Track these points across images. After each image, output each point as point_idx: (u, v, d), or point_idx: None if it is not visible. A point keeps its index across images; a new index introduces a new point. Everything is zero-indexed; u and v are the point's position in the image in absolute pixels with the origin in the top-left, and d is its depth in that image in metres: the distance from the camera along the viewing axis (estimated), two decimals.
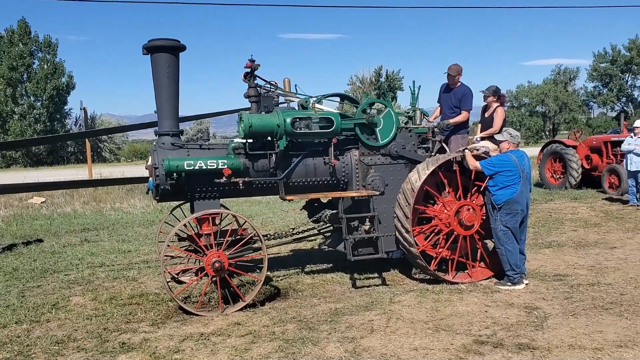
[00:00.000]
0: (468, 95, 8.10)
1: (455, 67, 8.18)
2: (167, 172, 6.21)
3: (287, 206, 14.13)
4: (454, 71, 8.17)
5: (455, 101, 8.13)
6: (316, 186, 7.00)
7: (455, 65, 8.21)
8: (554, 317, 5.67)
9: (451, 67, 8.19)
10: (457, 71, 8.17)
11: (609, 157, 15.98)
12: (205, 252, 6.12)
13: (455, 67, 8.18)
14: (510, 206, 6.65)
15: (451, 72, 8.18)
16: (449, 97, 8.25)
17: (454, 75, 8.16)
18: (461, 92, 8.12)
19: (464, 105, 8.07)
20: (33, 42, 50.70)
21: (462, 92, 8.12)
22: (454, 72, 8.17)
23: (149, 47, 6.40)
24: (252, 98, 6.84)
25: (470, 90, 8.14)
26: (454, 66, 8.19)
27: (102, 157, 54.22)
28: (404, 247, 6.90)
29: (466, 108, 8.08)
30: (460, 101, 8.09)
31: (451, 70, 8.18)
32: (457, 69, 8.17)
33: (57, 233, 12.01)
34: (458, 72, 8.17)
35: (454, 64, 8.22)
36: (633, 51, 60.61)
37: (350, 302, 6.34)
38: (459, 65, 8.23)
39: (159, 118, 6.62)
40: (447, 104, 8.24)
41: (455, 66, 8.20)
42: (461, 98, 8.09)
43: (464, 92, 8.11)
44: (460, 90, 8.14)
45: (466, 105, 8.07)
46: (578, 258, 8.19)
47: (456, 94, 8.16)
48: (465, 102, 8.07)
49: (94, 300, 6.80)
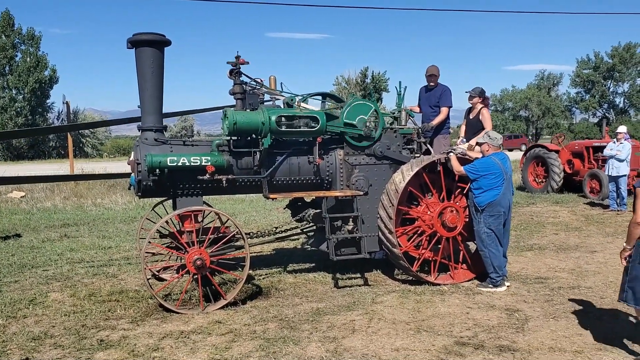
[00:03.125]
0: (447, 92, 8.21)
1: (434, 68, 8.34)
2: (149, 167, 6.13)
3: (270, 205, 14.08)
4: (436, 71, 8.30)
5: (435, 100, 8.21)
6: (300, 185, 6.96)
7: (433, 66, 8.38)
8: (534, 320, 5.70)
9: (430, 69, 8.34)
10: (436, 71, 8.31)
11: (590, 162, 16.18)
12: (187, 250, 6.06)
13: (433, 68, 8.34)
14: (493, 208, 6.67)
15: (434, 72, 8.30)
16: (428, 97, 8.34)
17: (435, 74, 8.28)
18: (440, 90, 8.23)
19: (444, 101, 8.14)
20: (16, 34, 50.02)
21: (441, 90, 8.23)
22: (436, 71, 8.30)
23: (133, 41, 6.32)
24: (237, 95, 6.77)
25: (449, 88, 8.27)
26: (432, 67, 8.36)
27: (84, 152, 53.66)
28: (387, 248, 6.89)
29: (446, 104, 8.14)
30: (440, 99, 8.15)
31: (434, 70, 8.30)
32: (436, 68, 8.33)
33: (36, 228, 11.84)
34: (433, 72, 8.30)
35: (431, 66, 8.39)
36: (615, 58, 61.44)
37: (332, 302, 6.32)
38: (437, 67, 8.39)
39: (142, 113, 6.53)
40: (427, 104, 8.32)
41: (433, 67, 8.36)
42: (440, 95, 8.18)
43: (442, 90, 8.22)
44: (439, 89, 8.26)
45: (446, 102, 8.14)
46: (559, 261, 8.25)
47: (435, 93, 8.26)
48: (444, 99, 8.15)
49: (73, 296, 6.70)
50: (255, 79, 6.96)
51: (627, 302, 4.63)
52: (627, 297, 4.59)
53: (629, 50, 60.97)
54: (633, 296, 4.53)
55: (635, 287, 4.52)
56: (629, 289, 4.57)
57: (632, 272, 4.56)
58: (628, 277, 4.59)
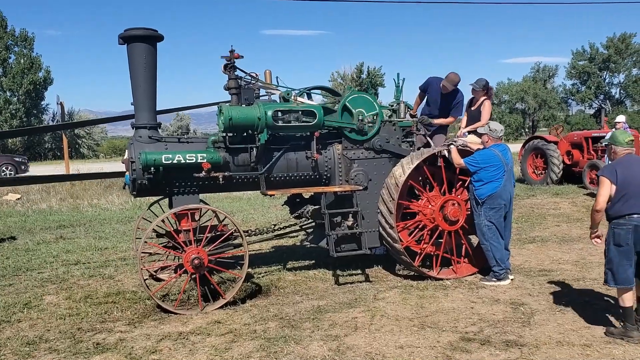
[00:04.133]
0: (461, 103, 7.94)
1: (454, 79, 7.72)
2: (144, 166, 6.00)
3: (269, 202, 13.94)
4: (451, 83, 7.71)
5: (447, 105, 7.92)
6: (298, 181, 6.83)
7: (455, 75, 7.74)
8: (540, 313, 5.58)
9: (450, 78, 7.72)
10: (455, 84, 7.74)
11: (589, 153, 16.05)
12: (184, 249, 5.93)
13: (454, 77, 7.72)
14: (494, 201, 6.55)
15: (448, 83, 7.71)
16: (441, 97, 7.92)
17: (451, 88, 7.75)
18: (455, 99, 7.88)
19: (455, 112, 7.92)
20: (9, 36, 49.64)
21: (456, 99, 7.88)
22: (451, 84, 7.72)
23: (125, 36, 6.18)
24: (232, 90, 6.63)
25: (463, 97, 7.96)
26: (454, 77, 7.72)
27: (80, 153, 53.37)
28: (388, 243, 6.77)
29: (456, 115, 7.94)
30: (452, 108, 7.90)
31: (448, 82, 7.71)
32: (455, 80, 7.73)
33: (32, 230, 11.69)
34: (455, 84, 7.74)
35: (453, 74, 7.75)
36: (611, 49, 61.25)
37: (333, 299, 6.20)
38: (458, 76, 7.75)
39: (135, 110, 6.40)
40: (438, 103, 7.96)
41: (455, 77, 7.73)
42: (454, 105, 7.89)
43: (458, 100, 7.89)
44: (454, 96, 7.87)
45: (457, 112, 7.93)
46: (562, 253, 8.14)
47: (449, 98, 7.88)
48: (456, 110, 7.91)
49: (68, 299, 6.56)
50: (250, 73, 6.83)
51: (608, 284, 4.97)
52: (607, 279, 4.96)
53: (624, 40, 60.79)
54: (613, 277, 4.89)
55: (612, 269, 4.88)
56: (608, 271, 4.94)
57: (607, 254, 4.96)
58: (605, 260, 5.00)
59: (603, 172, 4.96)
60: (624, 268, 4.81)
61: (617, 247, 4.85)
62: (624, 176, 4.81)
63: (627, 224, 4.79)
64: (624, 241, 4.80)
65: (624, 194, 4.79)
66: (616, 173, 4.85)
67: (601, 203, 4.86)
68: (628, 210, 4.78)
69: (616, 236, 4.85)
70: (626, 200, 4.79)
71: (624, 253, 4.81)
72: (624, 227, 4.80)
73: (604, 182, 4.86)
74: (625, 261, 4.81)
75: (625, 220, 4.80)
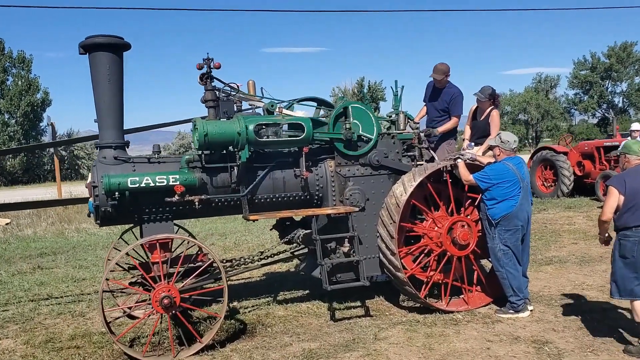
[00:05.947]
0: (458, 98, 7.16)
1: (441, 67, 7.20)
2: (107, 190, 5.25)
3: (265, 223, 13.13)
4: (439, 73, 7.20)
5: (443, 104, 7.20)
6: (286, 203, 6.07)
7: (441, 64, 7.23)
8: (569, 354, 4.78)
9: (437, 68, 7.21)
10: (444, 72, 7.20)
11: (601, 163, 15.28)
12: (153, 286, 5.13)
13: (441, 66, 7.21)
14: (509, 222, 5.77)
15: (437, 74, 7.20)
16: (436, 98, 7.29)
17: (440, 77, 7.20)
18: (450, 95, 7.16)
19: (454, 109, 7.14)
20: (7, 58, 49.41)
21: (451, 94, 7.16)
22: (440, 73, 7.20)
23: (85, 45, 5.46)
24: (209, 103, 5.91)
25: (461, 92, 7.20)
26: (440, 66, 7.22)
27: (80, 174, 52.77)
28: (390, 272, 5.97)
29: (456, 113, 7.16)
30: (450, 104, 7.16)
31: (437, 72, 7.20)
32: (443, 69, 7.20)
33: (10, 259, 10.93)
34: (444, 72, 7.20)
35: (439, 63, 7.24)
36: (612, 58, 60.80)
37: (327, 340, 5.38)
38: (445, 64, 7.24)
39: (99, 128, 5.67)
40: (435, 107, 7.30)
41: (441, 65, 7.22)
42: (450, 101, 7.15)
43: (453, 95, 7.15)
44: (449, 92, 7.18)
45: (456, 110, 7.14)
46: (584, 276, 7.31)
47: (444, 96, 7.21)
48: (455, 106, 7.14)
49: (26, 343, 5.77)
50: (230, 83, 6.09)
51: (613, 295, 4.91)
52: (612, 291, 4.90)
53: (626, 49, 60.33)
54: (617, 289, 4.82)
55: (617, 281, 4.83)
56: (613, 283, 4.88)
57: (613, 266, 4.91)
58: (611, 272, 4.94)
59: (612, 182, 4.91)
60: (630, 280, 4.74)
61: (623, 258, 4.79)
62: (632, 187, 4.75)
63: (634, 235, 4.74)
64: (629, 253, 4.75)
65: (632, 205, 4.74)
66: (625, 183, 4.79)
67: (607, 214, 4.84)
68: (635, 222, 4.73)
69: (622, 248, 4.82)
70: (634, 211, 4.74)
71: (629, 265, 4.76)
72: (631, 239, 4.76)
73: (612, 192, 4.82)
74: (631, 273, 4.75)
75: (632, 232, 4.75)
